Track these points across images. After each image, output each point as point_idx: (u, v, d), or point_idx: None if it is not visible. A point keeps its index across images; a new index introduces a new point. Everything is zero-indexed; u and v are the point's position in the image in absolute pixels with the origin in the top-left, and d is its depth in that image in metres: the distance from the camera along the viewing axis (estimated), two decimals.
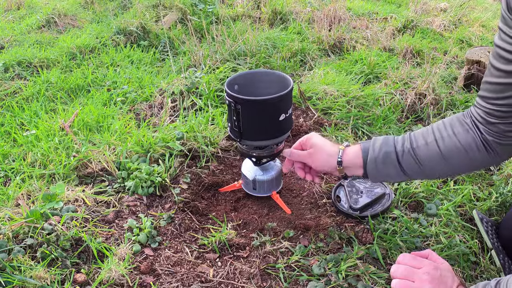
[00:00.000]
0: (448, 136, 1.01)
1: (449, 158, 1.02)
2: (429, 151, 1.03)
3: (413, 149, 1.04)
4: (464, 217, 1.39)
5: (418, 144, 1.04)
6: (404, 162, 1.05)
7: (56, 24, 3.40)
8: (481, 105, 0.96)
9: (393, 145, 1.07)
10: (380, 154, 1.07)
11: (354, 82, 2.22)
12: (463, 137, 1.00)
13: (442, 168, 1.04)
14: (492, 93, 0.92)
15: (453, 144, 1.01)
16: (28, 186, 1.42)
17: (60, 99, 2.22)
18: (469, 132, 1.00)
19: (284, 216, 1.36)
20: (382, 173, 1.09)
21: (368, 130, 1.84)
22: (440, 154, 1.02)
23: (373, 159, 1.08)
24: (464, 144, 1.00)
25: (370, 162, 1.08)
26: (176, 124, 1.75)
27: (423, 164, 1.04)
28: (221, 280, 1.14)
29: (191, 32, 2.66)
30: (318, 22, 3.01)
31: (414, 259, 0.95)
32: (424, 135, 1.05)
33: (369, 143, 1.11)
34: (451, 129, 1.02)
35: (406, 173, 1.07)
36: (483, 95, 0.95)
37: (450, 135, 1.01)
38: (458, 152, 1.01)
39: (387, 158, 1.06)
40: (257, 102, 1.16)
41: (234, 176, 1.55)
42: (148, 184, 1.44)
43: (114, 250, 1.20)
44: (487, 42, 3.19)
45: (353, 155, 1.12)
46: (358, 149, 1.11)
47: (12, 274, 1.05)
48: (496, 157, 1.00)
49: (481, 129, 0.98)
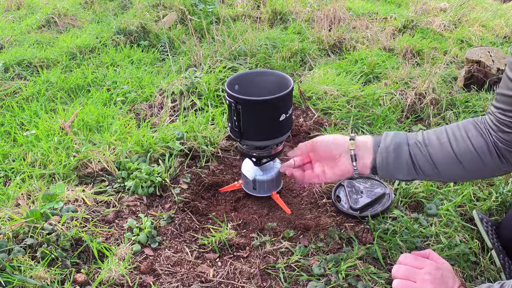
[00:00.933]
0: (461, 138, 1.00)
1: (463, 161, 1.00)
2: (443, 152, 1.01)
3: (425, 145, 1.02)
4: (464, 217, 1.39)
5: (431, 142, 1.02)
6: (416, 159, 1.02)
7: (56, 24, 3.40)
8: (495, 115, 0.97)
9: (406, 138, 1.04)
10: (391, 146, 1.03)
11: (354, 82, 2.22)
12: (476, 141, 0.99)
13: (456, 170, 1.01)
14: (507, 105, 0.92)
15: (466, 147, 0.99)
16: (28, 186, 1.42)
17: (60, 99, 2.22)
18: (482, 136, 0.99)
19: (284, 216, 1.36)
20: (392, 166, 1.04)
21: (368, 130, 1.84)
22: (454, 156, 1.00)
23: (384, 149, 1.04)
24: (477, 148, 0.99)
25: (381, 152, 1.04)
26: (176, 124, 1.75)
27: (437, 165, 1.01)
28: (221, 280, 1.14)
29: (191, 32, 2.66)
30: (318, 22, 3.01)
31: (415, 259, 0.95)
32: (438, 134, 1.03)
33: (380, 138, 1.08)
34: (464, 131, 1.01)
35: (418, 168, 1.03)
36: (498, 106, 0.96)
37: (463, 136, 1.00)
38: (472, 155, 0.99)
39: (398, 149, 1.03)
40: (257, 102, 1.16)
41: (234, 176, 1.55)
42: (148, 184, 1.44)
43: (114, 250, 1.20)
44: (487, 42, 3.19)
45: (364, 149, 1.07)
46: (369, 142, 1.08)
47: (12, 274, 1.05)
48: (507, 166, 1.00)
49: (494, 136, 0.98)
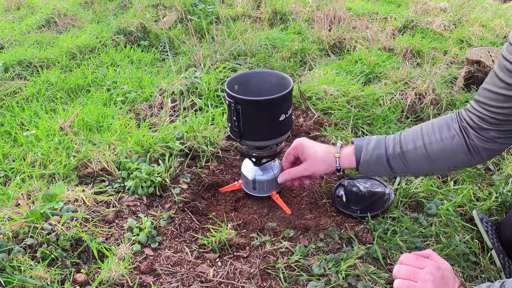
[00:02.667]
0: (436, 142, 1.07)
1: (434, 161, 1.09)
2: (417, 155, 1.09)
3: (402, 152, 1.11)
4: (464, 217, 1.39)
5: (408, 148, 1.10)
6: (393, 163, 1.13)
7: (56, 24, 3.40)
8: (476, 110, 1.00)
9: (384, 148, 1.13)
10: (372, 156, 1.14)
11: (354, 82, 2.22)
12: (449, 143, 1.05)
13: (426, 168, 1.12)
14: (492, 101, 0.94)
15: (440, 150, 1.07)
16: (28, 186, 1.42)
17: (60, 99, 2.22)
18: (454, 138, 1.05)
19: (284, 216, 1.36)
20: (372, 171, 1.19)
21: (368, 130, 1.84)
22: (427, 158, 1.08)
23: (365, 161, 1.15)
24: (450, 150, 1.05)
25: (363, 163, 1.16)
26: (176, 124, 1.75)
27: (410, 165, 1.11)
28: (221, 280, 1.14)
29: (191, 32, 2.66)
30: (318, 22, 3.01)
31: (416, 259, 0.95)
32: (414, 139, 1.11)
33: (362, 144, 1.17)
34: (439, 134, 1.07)
35: (394, 171, 1.15)
36: (481, 100, 0.98)
37: (437, 140, 1.07)
38: (444, 156, 1.07)
39: (378, 160, 1.14)
40: (257, 103, 1.16)
41: (234, 176, 1.55)
42: (148, 184, 1.44)
43: (114, 250, 1.20)
44: (487, 42, 3.19)
45: (348, 160, 1.18)
46: (351, 153, 1.18)
47: (12, 274, 1.05)
48: (478, 159, 1.06)
49: (471, 134, 1.02)
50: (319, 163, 1.22)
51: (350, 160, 1.18)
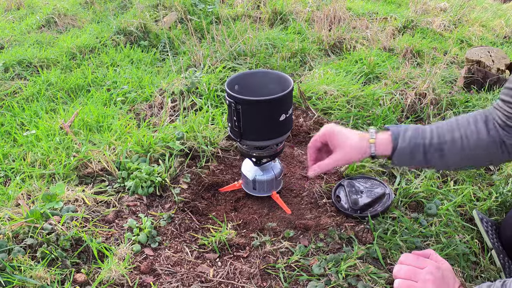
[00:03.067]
0: (471, 134, 1.05)
1: (471, 155, 1.05)
2: (455, 148, 1.06)
3: (439, 143, 1.06)
4: (464, 217, 1.39)
5: (446, 139, 1.06)
6: (429, 154, 1.08)
7: (56, 24, 3.40)
8: (502, 108, 1.00)
9: (421, 137, 1.08)
10: (410, 144, 1.08)
11: (354, 82, 2.22)
12: (485, 137, 1.03)
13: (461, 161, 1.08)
14: None
15: (476, 143, 1.04)
16: (28, 186, 1.42)
17: (60, 99, 2.22)
18: (490, 132, 1.03)
19: (284, 216, 1.36)
20: (405, 161, 1.11)
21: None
22: (465, 151, 1.05)
23: (402, 148, 1.09)
24: (486, 144, 1.03)
25: (399, 150, 1.09)
26: (176, 124, 1.75)
27: (446, 156, 1.07)
28: (221, 280, 1.14)
29: (191, 32, 2.66)
30: (318, 22, 3.01)
31: (416, 259, 0.95)
32: (450, 130, 1.07)
33: (398, 131, 1.10)
34: (474, 127, 1.05)
35: (428, 162, 1.09)
36: (505, 99, 0.99)
37: (473, 131, 1.04)
38: (480, 150, 1.04)
39: (415, 148, 1.08)
40: (257, 102, 1.16)
41: (234, 176, 1.55)
42: (148, 184, 1.44)
43: (114, 250, 1.20)
44: (487, 42, 3.19)
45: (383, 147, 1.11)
46: (388, 139, 1.10)
47: (12, 274, 1.05)
48: (506, 156, 1.04)
49: (500, 131, 1.02)
50: (351, 152, 1.13)
51: (386, 147, 1.10)
